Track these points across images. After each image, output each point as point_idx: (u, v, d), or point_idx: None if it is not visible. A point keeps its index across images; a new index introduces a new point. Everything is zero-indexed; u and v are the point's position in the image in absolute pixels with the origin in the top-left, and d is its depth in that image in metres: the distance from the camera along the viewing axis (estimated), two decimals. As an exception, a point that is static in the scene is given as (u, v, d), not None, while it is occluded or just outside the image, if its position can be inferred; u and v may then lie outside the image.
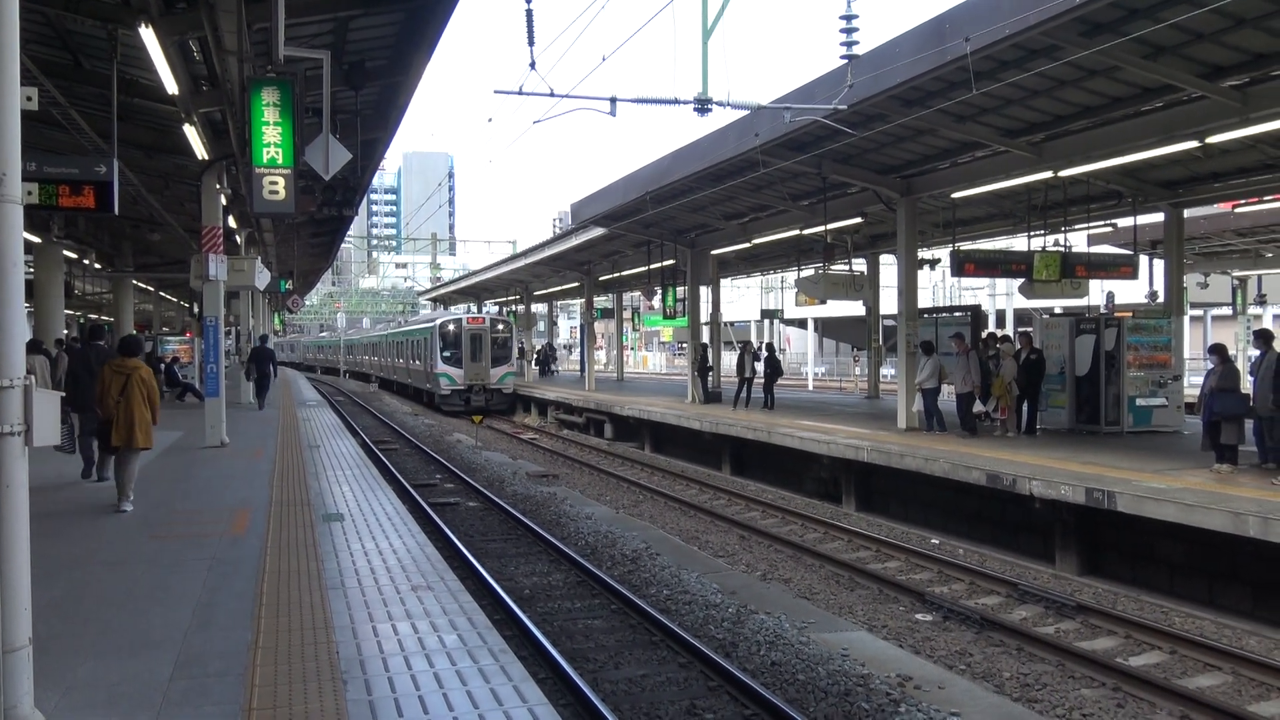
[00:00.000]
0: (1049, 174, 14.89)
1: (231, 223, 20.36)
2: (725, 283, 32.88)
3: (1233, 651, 8.49)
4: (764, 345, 26.75)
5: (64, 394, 10.84)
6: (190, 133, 13.04)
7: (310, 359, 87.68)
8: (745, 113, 14.53)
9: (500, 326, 36.31)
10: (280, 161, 10.20)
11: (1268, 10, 9.98)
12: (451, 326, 35.12)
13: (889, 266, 23.84)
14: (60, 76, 12.49)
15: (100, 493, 10.72)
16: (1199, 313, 36.02)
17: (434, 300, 68.68)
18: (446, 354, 34.49)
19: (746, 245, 23.96)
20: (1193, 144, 12.88)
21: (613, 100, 12.50)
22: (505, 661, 5.32)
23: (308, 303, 77.44)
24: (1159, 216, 17.56)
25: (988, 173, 15.51)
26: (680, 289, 27.55)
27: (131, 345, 10.39)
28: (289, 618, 6.01)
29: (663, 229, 25.09)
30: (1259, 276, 30.47)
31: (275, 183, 10.16)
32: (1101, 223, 19.35)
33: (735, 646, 8.16)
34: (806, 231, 20.92)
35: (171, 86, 10.96)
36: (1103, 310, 20.68)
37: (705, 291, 26.60)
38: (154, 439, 10.14)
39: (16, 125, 3.93)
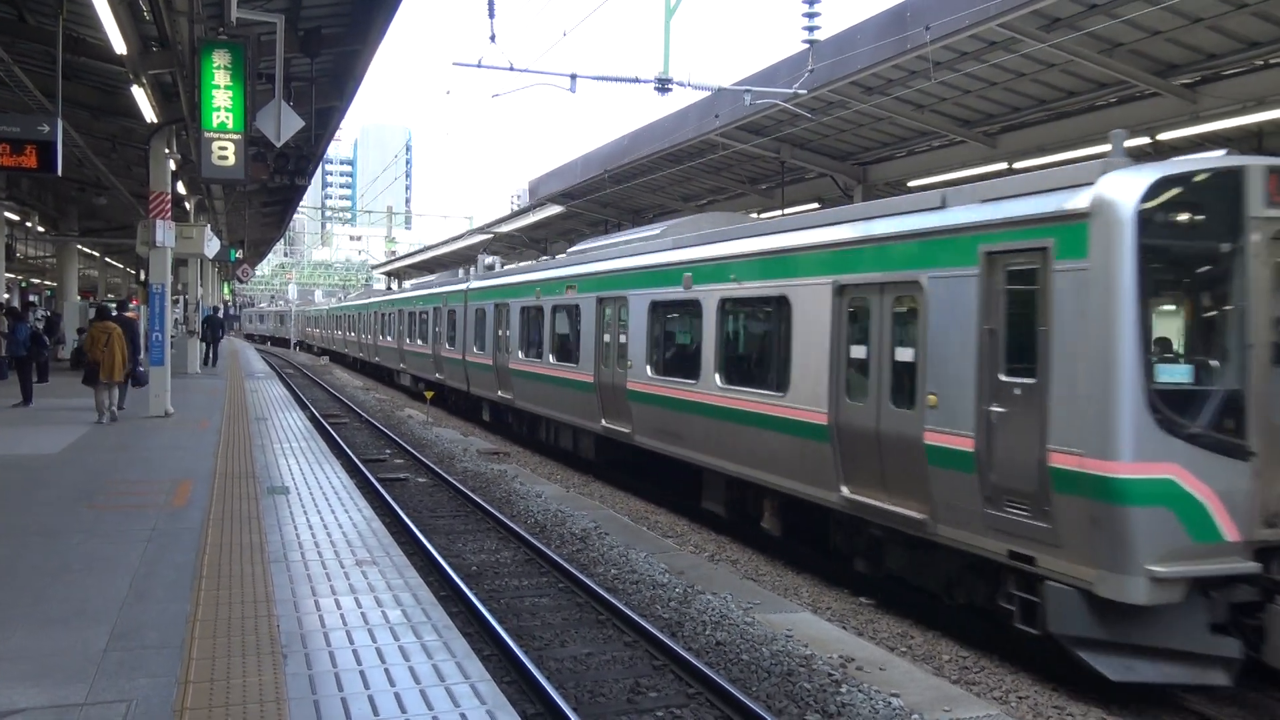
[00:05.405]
0: (1003, 165, 15.06)
1: (181, 189, 19.95)
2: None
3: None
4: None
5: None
6: (139, 94, 12.71)
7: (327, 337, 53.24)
8: (706, 94, 14.53)
9: None
10: (231, 126, 10.05)
11: (1220, 10, 10.16)
12: None
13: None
14: (3, 31, 12.11)
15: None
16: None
17: (389, 274, 67.66)
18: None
19: (704, 227, 23.99)
20: (1144, 140, 13.10)
21: (573, 77, 12.45)
22: (449, 638, 5.29)
23: (258, 273, 76.32)
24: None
25: (943, 163, 15.67)
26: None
27: (108, 312, 15.42)
28: (229, 591, 5.93)
29: (620, 208, 25.04)
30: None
31: (225, 148, 10.02)
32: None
33: (681, 626, 8.20)
34: (764, 215, 21.00)
35: (120, 46, 10.66)
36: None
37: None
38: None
39: (-50, 77, 3.79)
